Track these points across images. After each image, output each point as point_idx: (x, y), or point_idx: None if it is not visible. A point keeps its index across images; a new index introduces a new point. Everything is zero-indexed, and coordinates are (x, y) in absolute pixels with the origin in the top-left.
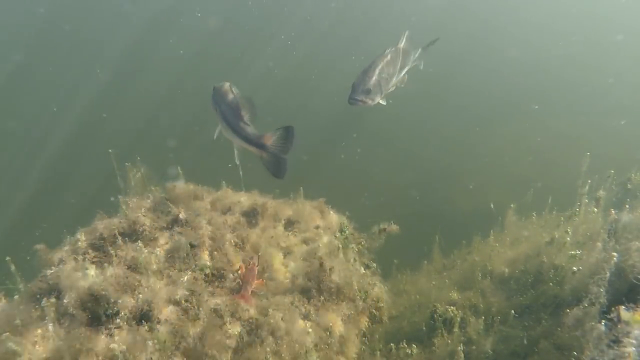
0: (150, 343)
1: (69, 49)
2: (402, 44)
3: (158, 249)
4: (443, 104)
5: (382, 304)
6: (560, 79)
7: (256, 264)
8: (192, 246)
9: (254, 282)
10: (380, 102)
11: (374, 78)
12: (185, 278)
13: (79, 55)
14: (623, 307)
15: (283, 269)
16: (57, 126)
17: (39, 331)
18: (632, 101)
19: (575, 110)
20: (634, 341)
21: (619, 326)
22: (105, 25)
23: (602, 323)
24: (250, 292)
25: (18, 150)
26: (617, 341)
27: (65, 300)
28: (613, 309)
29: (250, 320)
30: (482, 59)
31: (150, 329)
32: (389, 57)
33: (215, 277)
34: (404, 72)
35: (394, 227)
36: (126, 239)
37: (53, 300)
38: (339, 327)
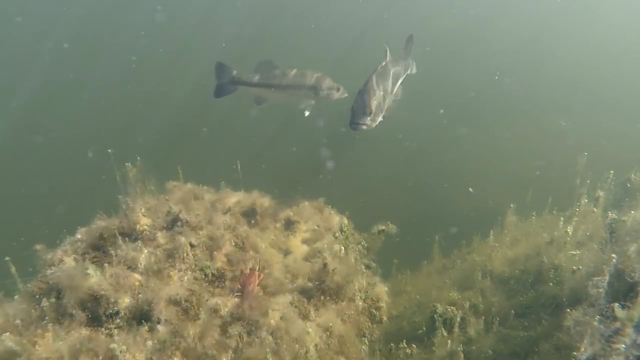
0: (150, 343)
1: (66, 46)
2: (388, 57)
3: (158, 249)
4: (443, 104)
5: (382, 304)
6: (560, 79)
7: (257, 269)
8: (192, 246)
9: (256, 287)
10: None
11: (374, 100)
12: (185, 278)
13: (78, 53)
14: (617, 305)
15: (283, 269)
16: (57, 126)
17: (39, 331)
18: (632, 101)
19: (575, 110)
20: (626, 339)
21: (613, 324)
22: (103, 23)
23: (596, 319)
24: (251, 298)
25: (18, 150)
26: (610, 338)
27: (65, 300)
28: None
29: (250, 321)
30: (481, 59)
31: (150, 329)
32: (382, 73)
33: (215, 277)
34: (398, 84)
35: (391, 228)
36: (126, 239)
37: (53, 300)
38: (339, 327)
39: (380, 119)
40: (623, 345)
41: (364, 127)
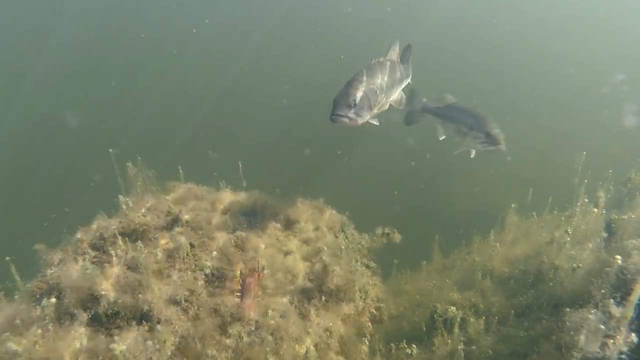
0: (150, 343)
1: (68, 48)
2: (390, 55)
3: (158, 249)
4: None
5: (382, 304)
6: (560, 79)
7: (256, 270)
8: (192, 246)
9: (255, 288)
10: (372, 122)
11: (359, 91)
12: (185, 278)
13: (78, 53)
14: (612, 301)
15: (283, 269)
16: (57, 126)
17: (39, 331)
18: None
19: (575, 109)
20: (618, 336)
21: (609, 321)
22: (107, 26)
23: (592, 313)
24: (251, 299)
25: (18, 150)
26: (605, 334)
27: (65, 300)
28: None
29: (250, 321)
30: (481, 58)
31: (150, 329)
32: (375, 67)
33: (215, 277)
34: (399, 89)
35: (397, 236)
36: (126, 239)
37: (53, 300)
38: (339, 327)
39: (369, 116)
40: (613, 342)
41: (346, 120)
